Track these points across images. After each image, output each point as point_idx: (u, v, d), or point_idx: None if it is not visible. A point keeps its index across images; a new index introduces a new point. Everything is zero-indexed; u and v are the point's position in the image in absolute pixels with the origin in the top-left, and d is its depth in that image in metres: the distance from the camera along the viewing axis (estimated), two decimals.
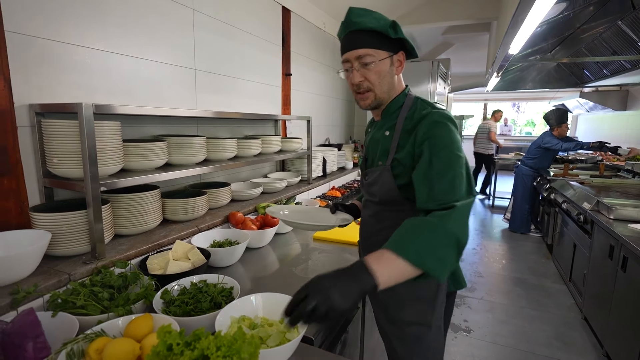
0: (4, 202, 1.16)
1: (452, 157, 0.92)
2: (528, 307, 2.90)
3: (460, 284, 1.16)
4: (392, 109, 1.09)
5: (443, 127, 0.96)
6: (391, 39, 1.00)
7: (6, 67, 1.13)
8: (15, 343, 0.77)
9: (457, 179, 0.91)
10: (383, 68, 1.02)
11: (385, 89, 1.05)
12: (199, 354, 0.68)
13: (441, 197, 0.89)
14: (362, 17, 0.98)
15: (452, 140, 0.95)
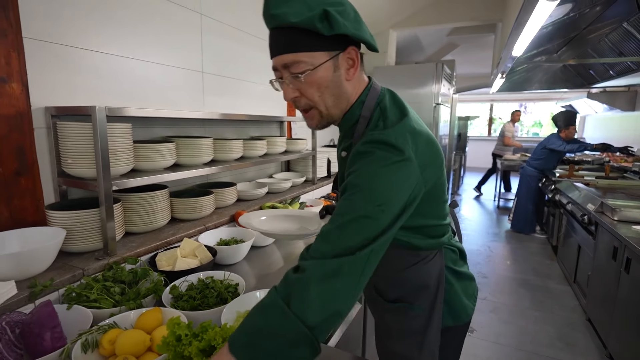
0: (21, 200, 1.22)
1: (356, 202, 0.67)
2: (532, 308, 2.90)
3: (459, 317, 0.95)
4: (347, 123, 0.85)
5: (366, 157, 0.71)
6: (336, 35, 0.72)
7: (24, 72, 1.19)
8: (35, 332, 0.81)
9: (344, 231, 0.65)
10: (323, 76, 0.75)
11: (332, 103, 0.79)
12: (206, 344, 0.73)
13: (311, 252, 0.66)
14: (281, 6, 0.70)
15: (372, 179, 0.68)
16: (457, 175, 7.37)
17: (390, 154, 0.69)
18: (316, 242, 0.67)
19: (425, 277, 0.90)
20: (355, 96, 0.83)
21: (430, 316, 0.91)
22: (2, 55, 1.13)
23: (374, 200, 0.67)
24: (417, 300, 0.91)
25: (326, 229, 0.68)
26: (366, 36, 0.77)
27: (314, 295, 0.60)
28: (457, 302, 0.95)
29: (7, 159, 1.17)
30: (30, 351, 0.82)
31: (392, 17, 3.96)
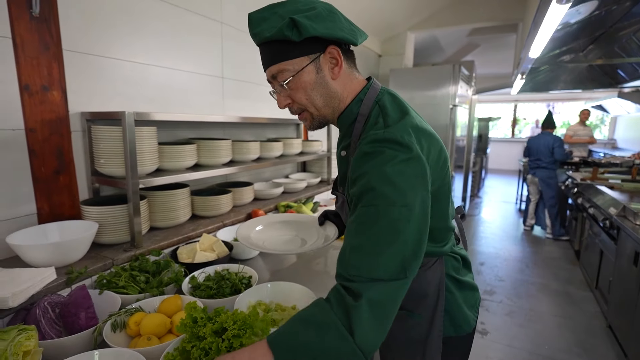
0: (59, 196, 1.36)
1: (380, 208, 0.65)
2: (549, 312, 2.85)
3: (460, 328, 0.93)
4: (345, 122, 0.85)
5: (375, 158, 0.69)
6: (309, 39, 0.74)
7: (63, 81, 1.33)
8: (72, 312, 0.93)
9: (381, 242, 0.64)
10: (307, 80, 0.78)
11: (321, 103, 0.81)
12: (219, 326, 0.81)
13: (352, 273, 0.65)
14: (260, 24, 0.77)
15: (388, 179, 0.66)
16: (477, 177, 7.24)
17: (399, 152, 0.68)
18: (361, 258, 0.65)
19: (424, 284, 0.89)
20: (348, 95, 0.84)
21: (431, 325, 0.89)
22: (45, 66, 1.27)
23: (397, 201, 0.65)
24: (416, 308, 0.90)
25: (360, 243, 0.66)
26: (340, 33, 0.75)
27: (377, 327, 0.62)
28: (458, 312, 0.92)
29: (48, 159, 1.31)
30: (68, 328, 0.93)
31: (409, 20, 3.97)
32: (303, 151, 2.54)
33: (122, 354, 0.80)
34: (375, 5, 3.31)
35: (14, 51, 1.18)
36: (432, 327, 0.89)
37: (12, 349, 0.72)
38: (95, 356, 0.79)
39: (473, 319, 0.95)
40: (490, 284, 3.35)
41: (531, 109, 11.99)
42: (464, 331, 0.93)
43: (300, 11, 0.74)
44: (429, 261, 0.90)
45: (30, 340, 0.77)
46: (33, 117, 1.25)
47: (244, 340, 0.77)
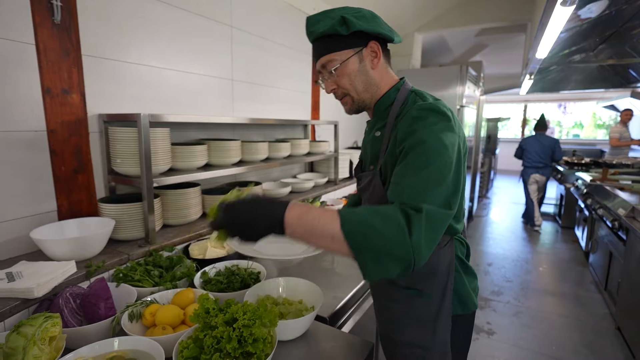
0: (78, 194, 1.42)
1: (430, 157, 0.77)
2: (557, 314, 2.84)
3: (467, 306, 1.00)
4: (383, 106, 0.97)
5: (423, 120, 0.82)
6: (355, 33, 0.88)
7: (82, 84, 1.39)
8: (92, 302, 0.98)
9: (432, 181, 0.75)
10: (351, 68, 0.91)
11: (362, 89, 0.94)
12: (230, 316, 0.86)
13: (409, 196, 0.74)
14: (315, 24, 0.91)
15: (436, 137, 0.79)
16: (486, 177, 7.19)
17: (441, 119, 0.83)
18: (416, 193, 0.74)
19: (436, 263, 0.95)
20: (385, 84, 0.97)
21: (442, 303, 0.96)
22: (65, 71, 1.34)
23: (443, 153, 0.78)
24: (428, 287, 0.96)
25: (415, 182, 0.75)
26: (382, 30, 0.90)
27: (429, 239, 0.71)
28: (465, 291, 1.00)
29: (68, 159, 1.37)
30: (88, 318, 0.99)
31: (416, 20, 3.99)
32: (310, 151, 2.58)
33: (140, 342, 0.86)
34: (382, 6, 3.33)
35: (37, 57, 1.25)
36: (443, 305, 0.96)
37: (39, 334, 0.78)
38: (115, 343, 0.85)
39: (476, 299, 1.03)
40: (497, 284, 3.35)
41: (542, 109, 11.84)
42: (470, 310, 1.01)
43: (347, 12, 0.89)
44: (443, 240, 0.96)
45: (56, 327, 0.82)
46: (54, 119, 1.32)
47: (253, 329, 0.82)
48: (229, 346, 0.79)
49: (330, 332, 1.08)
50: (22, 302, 0.97)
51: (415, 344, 0.99)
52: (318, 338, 1.04)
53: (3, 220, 1.21)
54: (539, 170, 4.90)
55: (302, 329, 1.04)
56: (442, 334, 0.97)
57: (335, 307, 1.23)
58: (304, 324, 1.03)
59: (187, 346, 0.83)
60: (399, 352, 1.03)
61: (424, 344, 0.98)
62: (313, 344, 1.01)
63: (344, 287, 1.36)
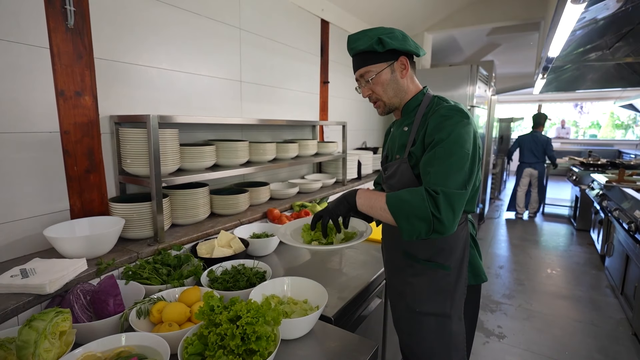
0: (90, 193, 1.46)
1: (453, 149, 0.99)
2: (571, 318, 2.77)
3: (480, 277, 1.20)
4: (411, 107, 1.17)
5: (450, 119, 1.03)
6: (389, 50, 1.09)
7: (94, 86, 1.43)
8: (101, 299, 1.01)
9: (453, 168, 0.98)
10: (384, 78, 1.12)
11: (392, 95, 1.15)
12: (234, 314, 0.87)
13: (433, 182, 0.98)
14: (356, 42, 1.11)
15: (458, 133, 1.00)
16: (499, 179, 7.07)
17: (463, 118, 1.04)
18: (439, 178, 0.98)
19: (456, 239, 1.13)
20: (411, 90, 1.17)
21: (459, 274, 1.14)
22: (78, 74, 1.37)
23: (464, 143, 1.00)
24: (448, 260, 1.13)
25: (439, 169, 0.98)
26: (410, 48, 1.11)
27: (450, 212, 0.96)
28: (477, 264, 1.19)
29: (81, 159, 1.41)
30: (98, 314, 1.01)
31: (426, 20, 3.96)
32: (318, 152, 2.59)
33: (147, 338, 0.87)
34: (391, 7, 3.32)
35: (52, 60, 1.29)
36: (460, 276, 1.15)
37: (50, 328, 0.80)
38: (122, 338, 0.87)
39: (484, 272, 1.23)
40: (509, 287, 3.29)
41: (557, 109, 11.61)
42: (481, 280, 1.21)
43: (383, 33, 1.10)
44: (461, 218, 1.11)
45: (66, 322, 0.85)
46: (67, 121, 1.35)
47: (256, 327, 0.82)
48: (232, 343, 0.80)
49: (335, 331, 1.08)
50: (35, 298, 1.00)
51: (437, 313, 1.15)
52: (322, 338, 1.04)
53: (18, 219, 1.25)
54: (531, 165, 5.47)
55: (307, 328, 1.04)
56: (458, 302, 1.15)
57: (340, 307, 1.22)
58: (308, 323, 1.03)
59: (192, 342, 0.85)
60: (421, 322, 1.17)
61: (444, 312, 1.14)
62: (317, 344, 1.02)
63: (350, 288, 1.36)
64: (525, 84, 6.22)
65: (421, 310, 1.16)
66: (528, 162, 5.48)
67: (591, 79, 5.65)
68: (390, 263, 1.31)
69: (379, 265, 1.57)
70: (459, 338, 1.17)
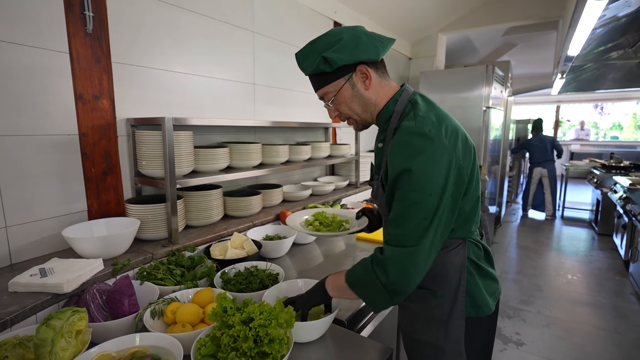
0: (107, 195, 1.49)
1: (406, 194, 0.85)
2: (593, 326, 2.67)
3: (481, 309, 1.00)
4: (383, 119, 1.00)
5: (408, 148, 0.85)
6: (340, 66, 0.93)
7: (112, 90, 1.46)
8: (117, 299, 1.02)
9: (405, 220, 0.85)
10: (345, 95, 0.97)
11: (360, 111, 1.00)
12: (247, 316, 0.86)
13: (385, 239, 0.92)
14: (302, 62, 0.99)
15: (416, 171, 0.82)
16: (515, 182, 6.91)
17: (424, 143, 0.85)
18: (390, 229, 0.88)
19: (447, 265, 0.98)
20: (382, 99, 0.99)
21: (453, 305, 0.99)
22: (96, 77, 1.40)
23: (422, 188, 0.83)
24: (439, 289, 0.99)
25: (393, 217, 0.88)
26: (363, 56, 0.93)
27: (391, 271, 0.86)
28: (479, 294, 1.00)
29: (98, 161, 1.44)
30: (113, 313, 1.02)
31: (440, 21, 3.91)
32: (331, 154, 2.58)
33: (160, 338, 0.88)
34: (405, 8, 3.30)
35: (71, 64, 1.32)
36: (455, 306, 0.99)
37: (67, 327, 0.81)
38: (137, 338, 0.87)
39: (492, 303, 1.03)
40: (527, 293, 3.19)
41: (576, 110, 11.29)
42: (484, 313, 1.01)
43: (329, 45, 0.93)
44: (453, 243, 0.98)
45: (82, 321, 0.86)
46: (85, 123, 1.38)
47: (269, 329, 0.81)
48: (245, 345, 0.79)
49: (348, 336, 1.06)
50: (53, 297, 1.02)
51: (429, 342, 1.02)
52: (336, 341, 1.03)
53: (38, 219, 1.28)
54: (540, 164, 5.74)
55: (320, 331, 1.03)
56: (455, 335, 0.99)
57: (354, 310, 1.21)
58: (322, 327, 1.02)
59: (205, 344, 0.84)
60: (416, 350, 1.07)
61: (437, 343, 1.01)
62: (331, 348, 1.00)
63: None
64: (543, 84, 6.06)
65: (415, 338, 1.06)
66: (537, 162, 5.77)
67: (612, 78, 5.47)
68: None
69: None
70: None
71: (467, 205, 0.95)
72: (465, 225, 0.97)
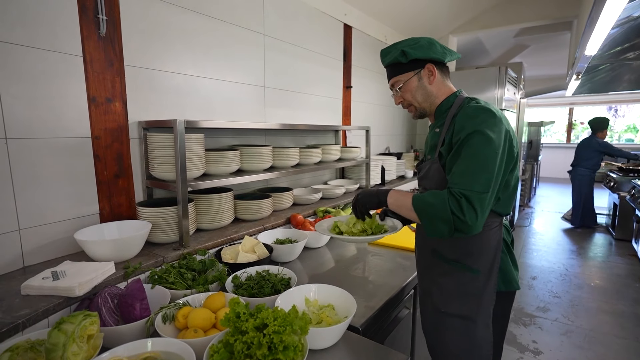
0: (118, 198, 1.48)
1: (477, 148, 0.99)
2: (613, 334, 2.57)
3: (511, 284, 1.16)
4: (443, 109, 1.18)
5: (475, 118, 1.03)
6: (413, 60, 1.14)
7: (124, 93, 1.46)
8: (128, 303, 1.00)
9: (476, 168, 0.98)
10: (412, 86, 1.17)
11: (421, 100, 1.19)
12: (260, 322, 0.84)
13: (456, 182, 0.99)
14: (385, 55, 1.20)
15: (483, 132, 0.99)
16: (528, 185, 6.78)
17: (489, 116, 1.03)
18: (462, 180, 0.99)
19: (486, 241, 1.11)
20: (442, 94, 1.18)
21: (488, 279, 1.11)
22: (109, 81, 1.41)
23: (489, 143, 0.99)
24: (476, 263, 1.12)
25: (464, 169, 1.00)
26: (435, 55, 1.14)
27: (471, 209, 0.96)
28: (508, 271, 1.16)
29: (110, 164, 1.44)
30: (124, 317, 1.01)
31: (451, 23, 3.88)
32: (341, 157, 2.55)
33: (172, 344, 0.86)
34: (415, 10, 3.27)
35: (84, 68, 1.32)
36: (489, 281, 1.12)
37: (78, 331, 0.80)
38: (148, 344, 0.85)
39: (518, 282, 1.19)
40: (543, 300, 3.10)
41: (589, 112, 11.06)
42: (513, 287, 1.17)
43: (408, 45, 1.14)
44: (493, 223, 1.13)
45: (94, 325, 0.84)
46: (98, 126, 1.38)
47: (284, 336, 0.79)
48: (259, 352, 0.77)
49: (363, 342, 1.03)
50: (65, 300, 1.01)
51: (461, 315, 1.13)
52: (351, 349, 1.00)
53: (51, 222, 1.28)
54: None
55: (335, 338, 0.99)
56: (486, 308, 1.12)
57: (369, 316, 1.17)
58: (337, 333, 0.99)
59: (218, 350, 0.82)
60: (447, 322, 1.16)
61: (470, 315, 1.12)
62: (346, 355, 0.97)
63: (377, 297, 1.30)
64: (556, 86, 5.95)
65: (446, 311, 1.16)
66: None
67: (628, 79, 5.34)
68: (420, 262, 1.32)
69: (406, 273, 1.51)
70: (485, 345, 1.14)
71: (512, 181, 1.10)
72: (508, 200, 1.12)
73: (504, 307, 1.21)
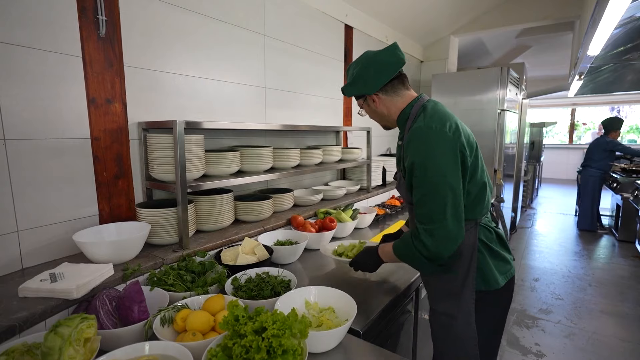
0: (118, 199, 1.48)
1: (422, 180, 1.05)
2: (618, 337, 2.55)
3: (489, 284, 1.16)
4: (402, 121, 1.23)
5: (418, 140, 1.06)
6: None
7: (124, 94, 1.45)
8: (126, 305, 0.99)
9: (428, 201, 1.04)
10: (366, 109, 1.29)
11: (379, 119, 1.30)
12: (259, 325, 0.82)
13: (418, 214, 1.08)
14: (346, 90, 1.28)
15: (426, 158, 1.04)
16: (530, 187, 6.75)
17: (429, 136, 1.05)
18: (418, 210, 1.07)
19: (461, 244, 1.10)
20: (396, 109, 1.23)
21: (465, 279, 1.15)
22: (109, 81, 1.40)
23: (433, 173, 1.03)
24: (454, 265, 1.15)
25: (417, 199, 1.07)
26: (364, 90, 1.22)
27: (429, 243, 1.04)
28: (487, 270, 1.16)
29: (110, 165, 1.43)
30: (123, 320, 1.00)
31: (452, 23, 3.86)
32: (342, 158, 2.54)
33: (170, 347, 0.85)
34: (416, 11, 3.26)
35: (84, 68, 1.32)
36: (466, 280, 1.15)
37: (75, 335, 0.79)
38: (146, 347, 0.84)
39: (502, 280, 1.18)
40: (545, 302, 3.08)
41: (592, 113, 11.03)
42: (492, 287, 1.17)
43: (348, 80, 1.25)
44: (466, 225, 1.13)
45: (91, 329, 0.83)
46: (98, 127, 1.38)
47: (283, 340, 0.78)
48: (257, 356, 0.76)
49: (364, 346, 1.02)
50: (63, 302, 1.00)
51: (445, 312, 1.18)
52: (351, 352, 0.98)
53: (50, 223, 1.27)
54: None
55: (335, 341, 0.98)
56: (466, 305, 1.15)
57: (369, 319, 1.16)
58: (337, 337, 0.98)
59: (216, 354, 0.81)
60: (435, 319, 1.23)
61: (452, 314, 1.17)
62: (346, 359, 0.95)
63: (378, 300, 1.29)
64: (558, 87, 5.92)
65: (435, 308, 1.22)
66: None
67: (630, 80, 5.32)
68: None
69: (408, 275, 1.49)
70: (469, 342, 1.16)
71: (473, 189, 1.13)
72: (473, 206, 1.14)
73: (491, 306, 1.20)
